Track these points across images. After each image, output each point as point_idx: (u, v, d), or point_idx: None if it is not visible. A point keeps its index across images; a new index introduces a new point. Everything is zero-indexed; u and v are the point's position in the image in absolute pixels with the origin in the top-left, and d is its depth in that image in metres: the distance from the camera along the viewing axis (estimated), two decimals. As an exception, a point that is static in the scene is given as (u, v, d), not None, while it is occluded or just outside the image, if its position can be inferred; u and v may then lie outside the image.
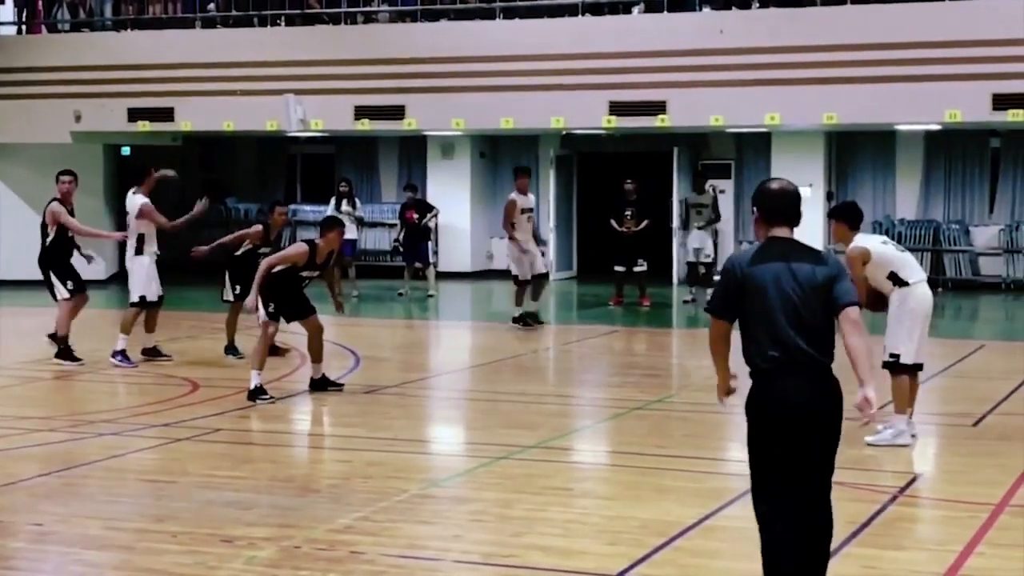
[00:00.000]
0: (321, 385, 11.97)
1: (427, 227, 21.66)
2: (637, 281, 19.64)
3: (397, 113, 21.14)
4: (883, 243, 9.78)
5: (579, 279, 23.97)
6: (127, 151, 24.54)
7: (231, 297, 13.93)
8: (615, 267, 19.66)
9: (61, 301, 13.83)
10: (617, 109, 19.98)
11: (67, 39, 23.69)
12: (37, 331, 15.40)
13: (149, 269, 13.88)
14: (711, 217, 20.00)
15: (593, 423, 11.07)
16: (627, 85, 19.85)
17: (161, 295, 14.02)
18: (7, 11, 24.38)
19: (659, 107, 19.74)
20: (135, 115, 22.28)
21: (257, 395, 11.41)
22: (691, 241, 20.10)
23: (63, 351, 13.76)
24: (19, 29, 24.18)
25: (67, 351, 13.77)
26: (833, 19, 19.10)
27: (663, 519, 7.51)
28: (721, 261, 20.56)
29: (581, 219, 24.69)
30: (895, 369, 9.58)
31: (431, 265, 21.75)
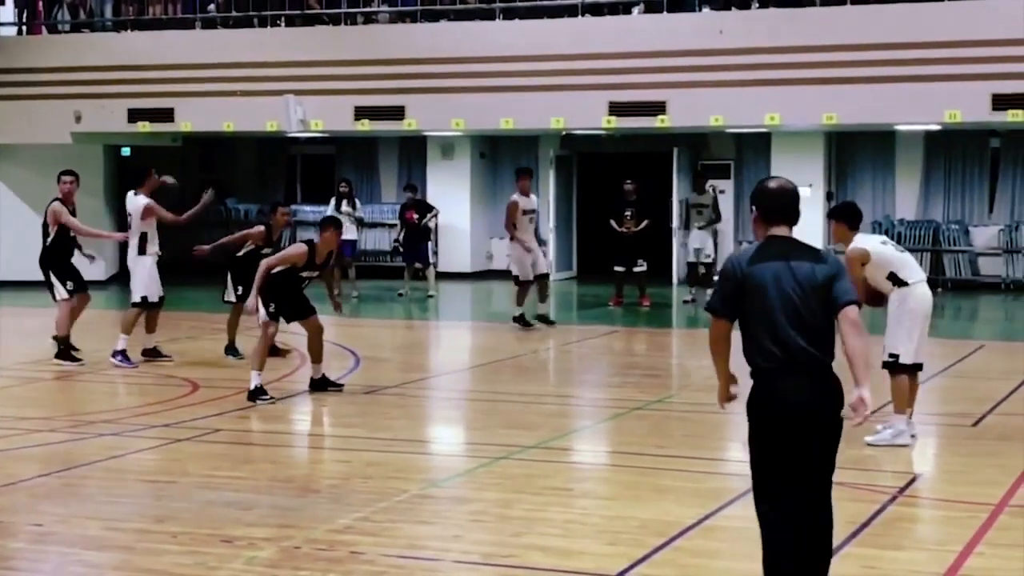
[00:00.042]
0: (321, 385, 11.98)
1: (427, 227, 21.67)
2: (637, 281, 19.64)
3: (397, 113, 21.14)
4: (882, 243, 9.76)
5: (579, 279, 23.97)
6: (127, 152, 24.54)
7: (233, 298, 13.92)
8: (615, 267, 19.66)
9: (60, 301, 13.84)
10: (617, 109, 19.97)
11: (67, 40, 23.68)
12: (38, 332, 15.40)
13: (151, 269, 13.89)
14: (712, 217, 20.00)
15: (593, 423, 11.08)
16: (627, 85, 19.84)
17: (162, 296, 14.03)
18: (7, 12, 24.38)
19: (659, 107, 19.73)
20: (135, 116, 22.28)
21: (257, 395, 11.42)
22: (692, 241, 20.11)
23: (63, 351, 13.77)
24: (19, 30, 24.16)
25: (67, 351, 13.78)
26: (833, 19, 19.08)
27: (663, 519, 7.52)
28: (721, 261, 20.60)
29: (581, 219, 24.70)
30: (894, 369, 9.58)
31: (431, 265, 21.76)
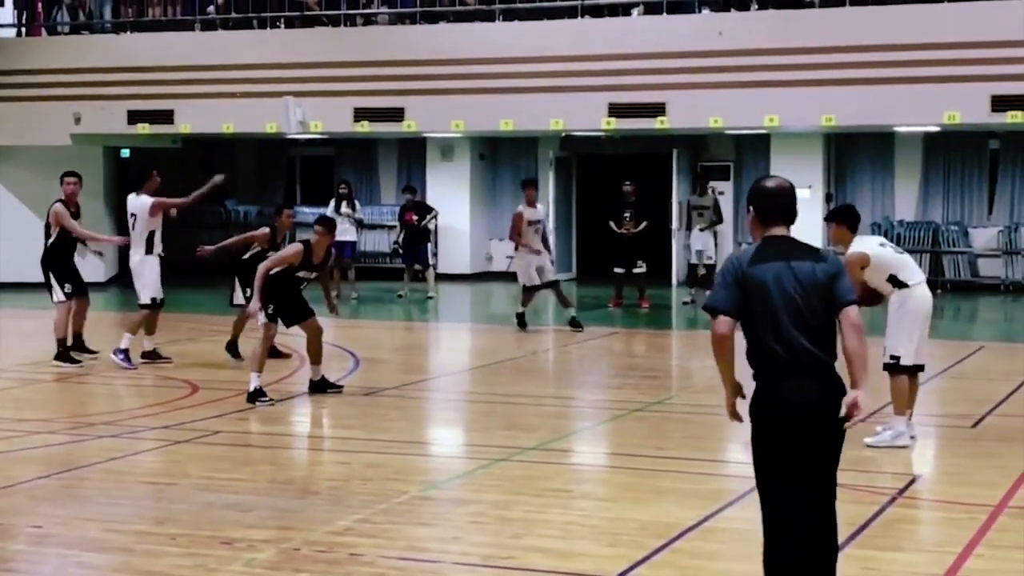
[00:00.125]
0: (320, 387, 11.97)
1: (426, 229, 21.68)
2: (636, 283, 19.65)
3: (396, 115, 21.14)
4: (881, 245, 9.76)
5: (578, 281, 23.96)
6: (127, 153, 24.54)
7: (241, 300, 13.73)
8: (614, 269, 19.66)
9: (58, 303, 13.83)
10: (616, 111, 19.97)
11: (67, 41, 23.69)
12: (37, 333, 15.40)
13: (158, 270, 13.91)
14: (713, 219, 20.02)
15: (592, 425, 11.08)
16: (626, 87, 19.85)
17: (163, 297, 14.04)
18: (7, 13, 24.37)
19: (658, 109, 19.74)
20: (135, 117, 22.28)
21: (256, 397, 11.42)
22: (693, 243, 20.13)
23: (62, 353, 13.76)
24: (19, 31, 24.16)
25: (66, 353, 13.78)
26: (832, 21, 19.09)
27: (662, 521, 7.52)
28: (721, 262, 20.61)
29: (580, 221, 24.72)
30: (895, 370, 9.58)
31: (430, 267, 21.76)
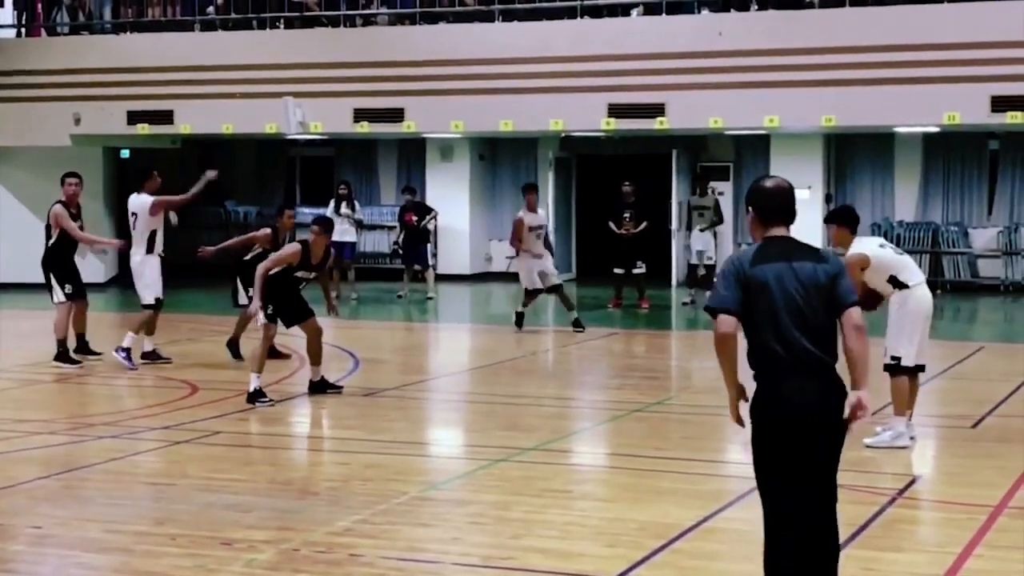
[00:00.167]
0: (320, 387, 11.98)
1: (426, 229, 21.68)
2: (636, 283, 19.65)
3: (396, 115, 21.14)
4: (881, 246, 9.77)
5: (578, 281, 23.96)
6: (126, 154, 24.53)
7: (246, 301, 13.69)
8: (614, 269, 19.66)
9: (58, 304, 13.84)
10: (616, 111, 19.97)
11: (66, 42, 23.68)
12: (37, 334, 15.39)
13: (159, 270, 13.91)
14: (714, 219, 20.02)
15: (592, 425, 11.08)
16: (626, 87, 19.84)
17: (162, 298, 14.04)
18: (6, 14, 24.36)
19: (658, 109, 19.74)
20: (134, 118, 22.27)
21: (256, 398, 11.42)
22: (694, 243, 20.14)
23: (62, 354, 13.76)
24: (18, 32, 24.15)
25: (66, 354, 13.77)
26: (831, 21, 19.09)
27: (662, 521, 7.51)
28: (721, 263, 20.60)
29: (580, 221, 24.72)
30: (895, 371, 9.58)
31: (430, 267, 21.77)
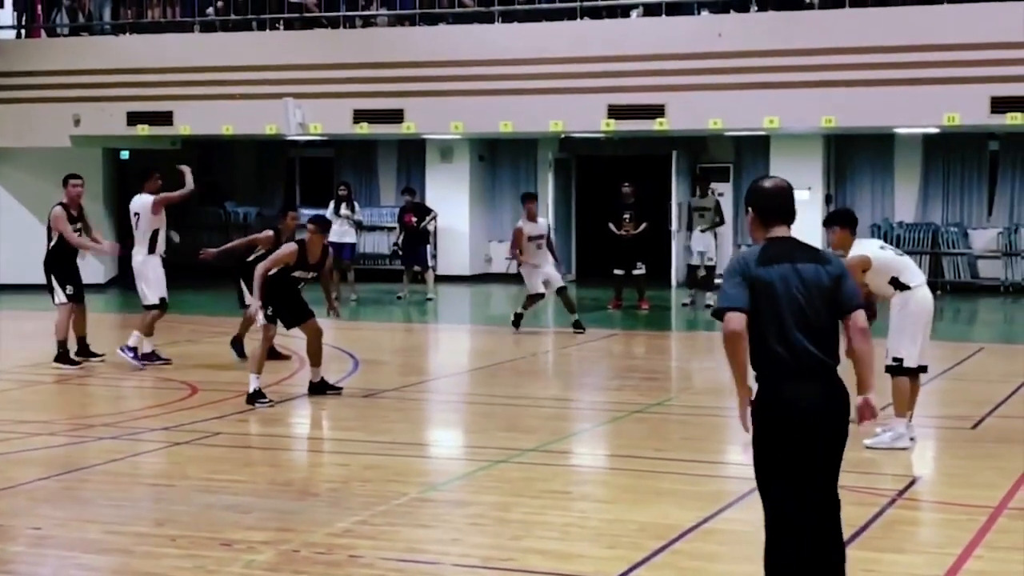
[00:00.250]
0: (320, 389, 11.98)
1: (426, 230, 21.69)
2: (636, 284, 19.65)
3: (396, 117, 21.13)
4: (881, 248, 9.79)
5: (578, 282, 23.95)
6: (126, 155, 24.54)
7: (251, 302, 13.75)
8: (614, 270, 19.67)
9: (59, 305, 13.85)
10: (615, 112, 19.97)
11: (66, 43, 23.67)
12: (37, 335, 15.40)
13: (162, 270, 13.91)
14: (715, 220, 20.02)
15: (592, 426, 11.07)
16: (625, 88, 19.83)
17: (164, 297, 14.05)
18: (6, 15, 24.35)
19: (657, 110, 19.73)
20: (134, 119, 22.26)
21: (256, 399, 11.43)
22: (695, 244, 20.15)
23: (62, 355, 13.76)
24: (18, 33, 24.14)
25: (66, 355, 13.77)
26: (831, 22, 19.08)
27: (662, 522, 7.51)
28: (721, 265, 20.59)
29: (580, 222, 24.72)
30: (897, 372, 9.58)
31: (430, 268, 21.78)
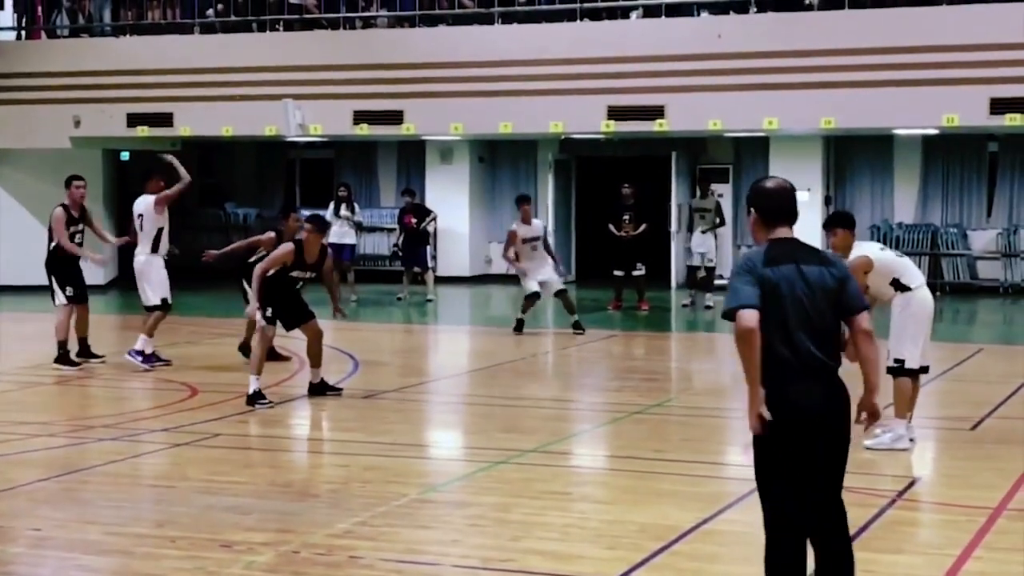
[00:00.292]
0: (320, 390, 11.98)
1: (426, 231, 21.70)
2: (635, 285, 19.66)
3: (396, 118, 21.14)
4: (881, 250, 9.82)
5: (578, 283, 23.95)
6: (126, 156, 24.55)
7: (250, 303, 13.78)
8: (613, 271, 19.68)
9: (58, 306, 13.86)
10: (615, 113, 19.98)
11: (66, 44, 23.69)
12: (37, 336, 15.40)
13: (165, 271, 13.92)
14: (715, 221, 20.03)
15: (591, 427, 11.07)
16: (625, 90, 19.85)
17: (166, 298, 14.03)
18: (6, 16, 24.36)
19: (657, 111, 19.75)
20: (134, 120, 22.27)
21: (256, 400, 11.43)
22: (695, 245, 20.16)
23: (62, 356, 13.76)
24: (18, 35, 24.16)
25: (66, 356, 13.78)
26: (831, 23, 19.09)
27: (661, 523, 7.51)
28: (721, 265, 20.61)
29: (580, 223, 24.73)
30: (899, 373, 9.59)
31: (430, 269, 21.79)
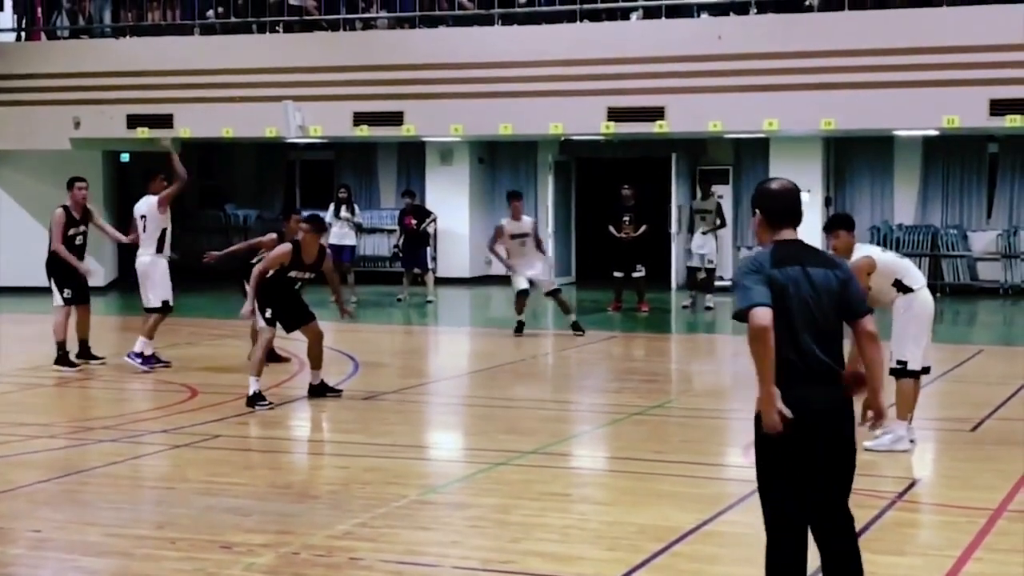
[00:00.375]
0: (320, 391, 11.98)
1: (426, 233, 21.71)
2: (635, 287, 19.66)
3: (396, 119, 21.14)
4: (882, 251, 9.83)
5: (577, 285, 23.97)
6: (126, 158, 24.55)
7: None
8: (613, 273, 19.67)
9: (56, 307, 13.86)
10: (615, 115, 19.98)
11: (66, 46, 23.68)
12: (37, 337, 15.39)
13: (168, 272, 13.92)
14: (716, 223, 20.03)
15: (591, 429, 11.07)
16: (625, 91, 19.84)
17: (167, 300, 14.03)
18: (6, 18, 24.36)
19: (657, 113, 19.74)
20: (134, 122, 22.25)
21: (256, 401, 11.43)
22: (695, 246, 20.15)
23: (61, 357, 13.76)
24: (18, 36, 24.15)
25: (66, 357, 13.78)
26: (831, 25, 19.09)
27: (661, 524, 7.51)
28: (721, 267, 20.61)
29: (580, 225, 24.73)
30: (901, 375, 9.59)
31: (430, 271, 21.79)
